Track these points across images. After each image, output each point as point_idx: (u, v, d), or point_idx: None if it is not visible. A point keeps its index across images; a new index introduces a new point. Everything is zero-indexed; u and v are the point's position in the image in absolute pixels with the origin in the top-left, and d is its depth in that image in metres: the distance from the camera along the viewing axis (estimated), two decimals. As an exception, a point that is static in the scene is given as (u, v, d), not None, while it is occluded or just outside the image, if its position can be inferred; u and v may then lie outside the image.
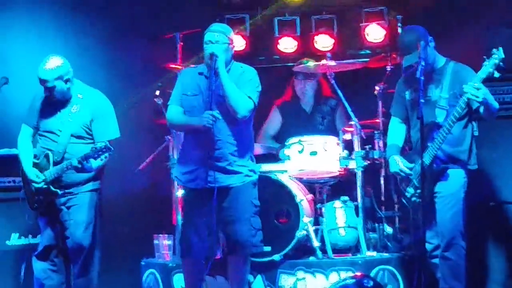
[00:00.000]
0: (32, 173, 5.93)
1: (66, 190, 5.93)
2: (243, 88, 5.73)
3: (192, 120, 5.74)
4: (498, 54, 5.43)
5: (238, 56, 7.90)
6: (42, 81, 5.87)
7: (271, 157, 7.27)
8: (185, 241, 5.84)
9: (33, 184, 5.91)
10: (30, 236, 6.62)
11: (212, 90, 5.59)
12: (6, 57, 7.21)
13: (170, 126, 5.95)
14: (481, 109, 5.63)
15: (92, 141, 5.95)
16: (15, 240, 6.63)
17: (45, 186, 5.88)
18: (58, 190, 5.89)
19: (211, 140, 5.60)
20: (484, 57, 5.47)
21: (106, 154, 5.76)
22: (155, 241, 6.88)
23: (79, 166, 5.76)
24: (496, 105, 5.67)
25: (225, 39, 5.78)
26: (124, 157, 7.15)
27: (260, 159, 7.15)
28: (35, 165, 5.96)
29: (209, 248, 5.73)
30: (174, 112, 5.85)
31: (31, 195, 5.98)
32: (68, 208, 5.93)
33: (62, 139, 5.92)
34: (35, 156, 6.01)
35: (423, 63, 5.47)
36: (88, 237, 5.92)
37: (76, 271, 5.95)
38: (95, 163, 5.83)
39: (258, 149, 7.15)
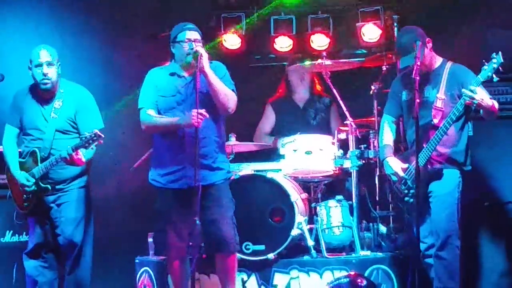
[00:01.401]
0: (22, 177, 5.90)
1: (56, 187, 5.91)
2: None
3: (175, 120, 5.63)
4: (497, 59, 5.42)
5: (234, 55, 7.98)
6: (42, 60, 5.85)
7: (266, 155, 7.27)
8: (165, 241, 5.77)
9: (25, 188, 5.89)
10: (24, 233, 6.60)
11: (197, 89, 5.50)
12: (2, 54, 7.21)
13: (148, 129, 5.75)
14: (481, 111, 5.65)
15: (77, 134, 5.94)
16: (9, 237, 6.63)
17: (35, 188, 5.88)
18: (49, 186, 5.88)
19: (197, 138, 5.43)
20: (483, 61, 5.46)
21: (97, 142, 5.71)
22: (150, 239, 6.86)
23: (68, 157, 5.74)
24: (495, 105, 5.66)
25: (200, 38, 5.76)
26: (118, 156, 7.17)
27: (255, 157, 7.18)
28: (21, 164, 5.95)
29: (192, 247, 5.62)
30: (151, 115, 5.72)
31: (20, 195, 5.96)
32: (58, 205, 5.93)
33: (48, 135, 5.91)
34: (20, 155, 6.00)
35: (418, 62, 5.48)
36: (80, 233, 5.92)
37: (68, 267, 5.94)
38: (86, 155, 5.81)
39: (252, 146, 7.16)
